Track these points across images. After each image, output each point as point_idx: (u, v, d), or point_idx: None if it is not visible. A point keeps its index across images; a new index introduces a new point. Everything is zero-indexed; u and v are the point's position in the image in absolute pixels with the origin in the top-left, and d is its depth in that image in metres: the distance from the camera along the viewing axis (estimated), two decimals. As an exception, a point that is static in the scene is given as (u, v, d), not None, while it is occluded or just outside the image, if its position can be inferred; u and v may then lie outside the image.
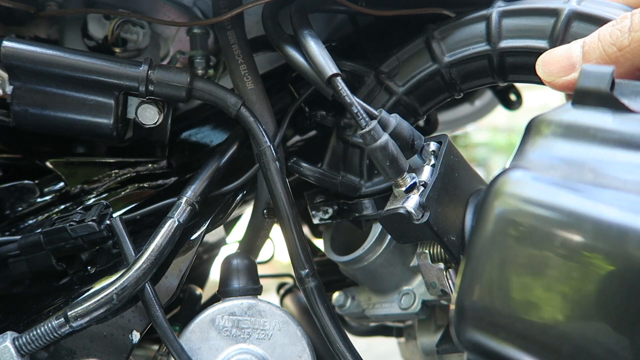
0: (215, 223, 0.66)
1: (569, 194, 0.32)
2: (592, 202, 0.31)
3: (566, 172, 0.33)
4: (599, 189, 0.31)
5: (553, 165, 0.34)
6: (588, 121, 0.35)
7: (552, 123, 0.36)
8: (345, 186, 0.65)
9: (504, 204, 0.34)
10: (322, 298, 0.60)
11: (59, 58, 0.57)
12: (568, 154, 0.34)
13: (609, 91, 0.34)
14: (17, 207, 0.72)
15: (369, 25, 0.76)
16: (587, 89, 0.35)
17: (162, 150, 0.70)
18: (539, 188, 0.33)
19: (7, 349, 0.51)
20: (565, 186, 0.32)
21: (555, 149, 0.35)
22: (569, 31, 0.53)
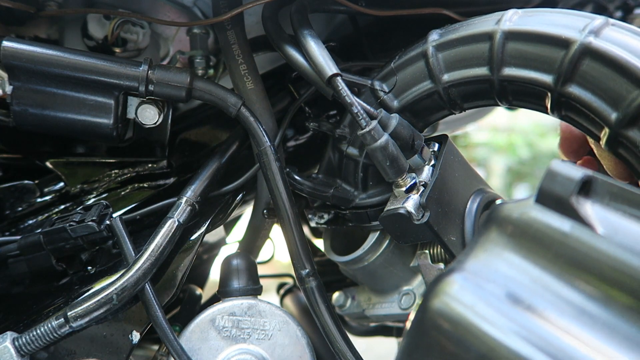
0: (215, 223, 0.66)
1: (491, 318, 0.32)
2: (505, 336, 0.31)
3: (502, 290, 0.33)
4: (519, 323, 0.31)
5: (494, 279, 0.33)
6: (542, 230, 0.33)
7: (511, 223, 0.35)
8: (338, 199, 0.64)
9: (436, 302, 0.34)
10: (322, 298, 0.60)
11: (59, 58, 0.57)
12: (511, 271, 0.33)
13: (569, 201, 0.32)
14: (17, 207, 0.72)
15: (369, 25, 0.76)
16: (550, 191, 0.33)
17: (162, 150, 0.70)
18: (470, 301, 0.33)
19: (7, 349, 0.51)
20: (492, 307, 0.32)
21: (501, 260, 0.34)
22: (578, 70, 0.47)
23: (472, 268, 0.34)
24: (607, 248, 0.30)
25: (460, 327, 0.33)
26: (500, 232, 0.35)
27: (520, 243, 0.34)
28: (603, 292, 0.30)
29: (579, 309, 0.30)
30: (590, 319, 0.30)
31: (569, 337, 0.30)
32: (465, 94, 0.56)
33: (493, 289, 0.33)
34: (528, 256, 0.33)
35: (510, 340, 0.31)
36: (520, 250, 0.33)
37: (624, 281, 0.29)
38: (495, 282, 0.33)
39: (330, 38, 0.76)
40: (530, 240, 0.33)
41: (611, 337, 0.29)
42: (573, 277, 0.31)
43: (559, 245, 0.32)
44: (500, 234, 0.35)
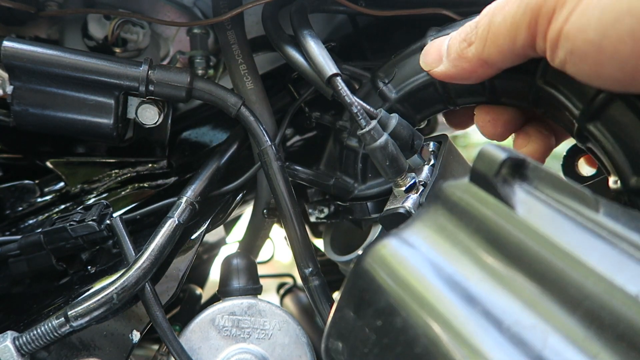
0: (215, 223, 0.66)
1: (414, 268, 0.35)
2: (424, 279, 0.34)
3: (425, 254, 0.36)
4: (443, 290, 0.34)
5: (421, 245, 0.37)
6: (467, 206, 0.36)
7: (446, 199, 0.38)
8: (339, 188, 0.65)
9: (369, 261, 0.38)
10: (326, 297, 0.60)
11: (59, 58, 0.57)
12: (437, 241, 0.37)
13: (493, 180, 0.35)
14: (17, 207, 0.72)
15: (369, 25, 0.76)
16: (478, 170, 0.36)
17: (162, 150, 0.70)
18: (398, 256, 0.37)
19: (8, 348, 0.51)
20: (416, 262, 0.36)
21: (430, 231, 0.38)
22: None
23: (404, 235, 0.38)
24: (517, 226, 0.33)
25: (389, 272, 0.36)
26: (436, 207, 0.38)
27: (450, 217, 0.37)
28: (505, 269, 0.33)
29: (485, 283, 0.33)
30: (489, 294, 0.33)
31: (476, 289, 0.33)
32: (459, 90, 0.57)
33: (419, 252, 0.36)
34: (455, 229, 0.36)
35: (429, 282, 0.34)
36: (450, 223, 0.37)
37: (522, 259, 0.32)
38: (421, 247, 0.37)
39: (330, 38, 0.76)
40: (459, 215, 0.37)
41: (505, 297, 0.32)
42: (484, 251, 0.34)
43: (479, 220, 0.35)
44: (436, 209, 0.38)
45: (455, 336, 0.31)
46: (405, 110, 0.59)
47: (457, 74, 0.52)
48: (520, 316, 0.30)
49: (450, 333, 0.31)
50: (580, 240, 0.31)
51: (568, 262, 0.30)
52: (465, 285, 0.33)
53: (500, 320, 0.30)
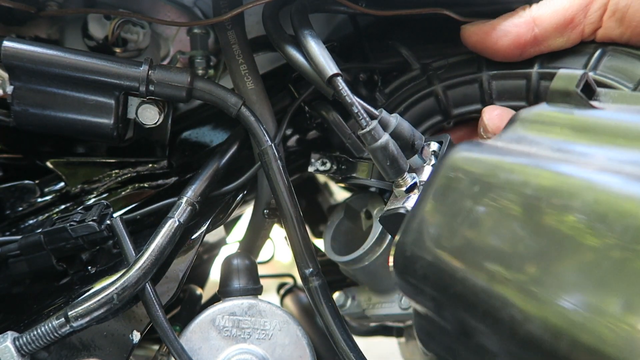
0: (215, 223, 0.66)
1: (499, 155, 0.37)
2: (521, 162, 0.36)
3: (513, 146, 0.38)
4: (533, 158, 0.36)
5: (507, 141, 0.39)
6: (551, 115, 0.39)
7: (526, 117, 0.40)
8: (353, 142, 0.66)
9: (450, 161, 0.40)
10: (326, 297, 0.60)
11: (59, 58, 0.57)
12: (524, 136, 0.39)
13: (575, 89, 0.38)
14: (17, 207, 0.72)
15: (369, 25, 0.76)
16: (559, 89, 0.39)
17: (163, 150, 0.70)
18: (480, 150, 0.39)
19: (8, 348, 0.51)
20: (498, 152, 0.38)
21: (513, 133, 0.40)
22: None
23: (485, 141, 0.40)
24: (608, 116, 0.36)
25: (480, 158, 0.38)
26: (516, 126, 0.40)
27: (532, 127, 0.39)
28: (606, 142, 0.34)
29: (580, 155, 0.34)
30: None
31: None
32: (502, 90, 0.60)
33: (506, 145, 0.38)
34: (540, 131, 0.38)
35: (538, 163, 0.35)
36: (532, 130, 0.39)
37: (617, 133, 0.34)
38: (506, 140, 0.39)
39: (331, 38, 0.76)
40: (541, 124, 0.39)
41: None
42: (573, 136, 0.36)
43: (565, 120, 0.37)
44: (515, 128, 0.40)
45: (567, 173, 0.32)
46: (444, 101, 0.64)
47: None
48: (621, 156, 0.32)
49: (559, 181, 0.32)
50: None
51: None
52: (557, 150, 0.35)
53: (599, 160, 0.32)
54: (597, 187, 0.30)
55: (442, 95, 0.64)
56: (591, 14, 0.53)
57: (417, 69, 0.66)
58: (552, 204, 0.32)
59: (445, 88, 0.63)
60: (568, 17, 0.54)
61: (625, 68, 0.51)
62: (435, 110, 0.65)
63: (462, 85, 0.62)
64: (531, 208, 0.33)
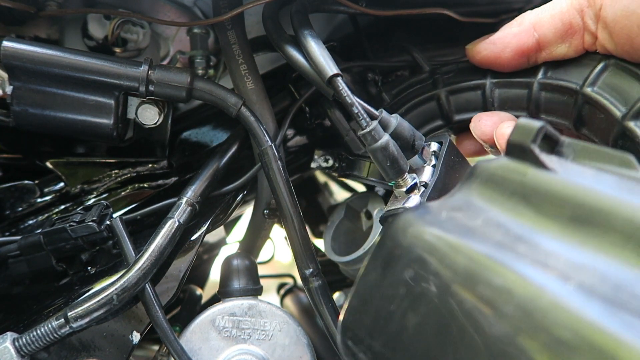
0: (215, 223, 0.65)
1: (445, 233, 0.35)
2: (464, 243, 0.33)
3: (457, 216, 0.36)
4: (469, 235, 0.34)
5: (452, 209, 0.37)
6: (504, 174, 0.36)
7: (481, 173, 0.38)
8: (352, 139, 0.67)
9: (399, 222, 0.37)
10: (326, 297, 0.60)
11: (59, 58, 0.56)
12: (471, 202, 0.37)
13: (529, 146, 0.35)
14: (17, 207, 0.72)
15: (369, 25, 0.76)
16: (515, 141, 0.36)
17: (162, 150, 0.70)
18: (422, 223, 0.36)
19: (7, 349, 0.51)
20: (444, 226, 0.35)
21: (464, 201, 0.37)
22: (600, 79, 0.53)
23: (434, 205, 0.38)
24: (557, 182, 0.33)
25: (420, 228, 0.35)
26: (470, 183, 0.38)
27: (485, 187, 0.37)
28: (545, 218, 0.33)
29: (530, 235, 0.32)
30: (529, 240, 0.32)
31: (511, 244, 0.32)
32: (505, 99, 0.60)
33: (452, 215, 0.36)
34: (490, 198, 0.36)
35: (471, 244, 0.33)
36: (484, 193, 0.37)
37: (564, 208, 0.32)
38: (454, 212, 0.36)
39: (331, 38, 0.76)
40: (495, 184, 0.37)
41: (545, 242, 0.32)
42: (523, 207, 0.34)
43: (516, 184, 0.35)
44: (470, 184, 0.38)
45: (499, 268, 0.30)
46: (447, 103, 0.64)
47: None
48: (565, 252, 0.30)
49: (493, 271, 0.30)
50: (622, 188, 0.31)
51: (614, 204, 0.30)
52: (501, 232, 0.32)
53: (545, 257, 0.30)
54: (531, 290, 0.28)
55: (445, 100, 0.63)
56: (588, 22, 0.52)
57: (426, 72, 0.66)
58: (480, 301, 0.30)
59: (449, 93, 0.63)
60: (566, 22, 0.53)
61: (622, 88, 0.51)
62: (436, 115, 0.65)
63: (465, 91, 0.62)
64: (456, 309, 0.31)
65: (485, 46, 0.58)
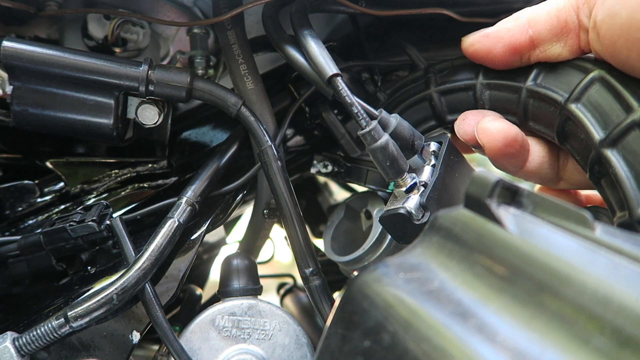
0: (215, 223, 0.66)
1: (403, 292, 0.34)
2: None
3: (415, 278, 0.35)
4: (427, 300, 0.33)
5: (412, 270, 0.36)
6: (461, 230, 0.36)
7: (440, 227, 0.38)
8: (347, 142, 0.67)
9: (356, 284, 0.37)
10: (326, 297, 0.60)
11: (59, 58, 0.57)
12: (425, 265, 0.36)
13: (485, 202, 0.35)
14: (17, 207, 0.72)
15: (369, 25, 0.76)
16: (472, 194, 0.36)
17: (162, 150, 0.70)
18: (385, 283, 0.36)
19: (7, 349, 0.51)
20: (405, 287, 0.35)
21: (422, 258, 0.37)
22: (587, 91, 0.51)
23: (393, 261, 0.38)
24: (510, 244, 0.33)
25: (375, 294, 0.35)
26: (430, 235, 0.38)
27: (444, 243, 0.37)
28: (498, 285, 0.32)
29: (476, 298, 0.32)
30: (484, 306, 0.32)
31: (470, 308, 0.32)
32: (495, 99, 0.59)
33: (409, 277, 0.36)
34: (449, 252, 0.36)
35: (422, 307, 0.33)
36: (442, 252, 0.36)
37: (515, 275, 0.32)
38: (410, 270, 0.36)
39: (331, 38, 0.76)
40: (452, 240, 0.36)
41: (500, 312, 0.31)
42: (477, 270, 0.34)
43: (472, 242, 0.35)
44: (430, 237, 0.38)
45: (445, 348, 0.30)
46: (440, 104, 0.63)
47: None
48: (513, 330, 0.29)
49: (440, 347, 0.30)
50: (575, 253, 0.31)
51: (563, 275, 0.30)
52: (455, 301, 0.32)
53: (494, 334, 0.30)
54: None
55: (437, 100, 0.63)
56: (583, 20, 0.51)
57: (421, 70, 0.65)
58: None
59: (440, 93, 0.63)
60: (562, 19, 0.52)
61: (603, 109, 0.49)
62: (429, 115, 0.65)
63: (457, 91, 0.62)
64: None
65: (478, 39, 0.57)
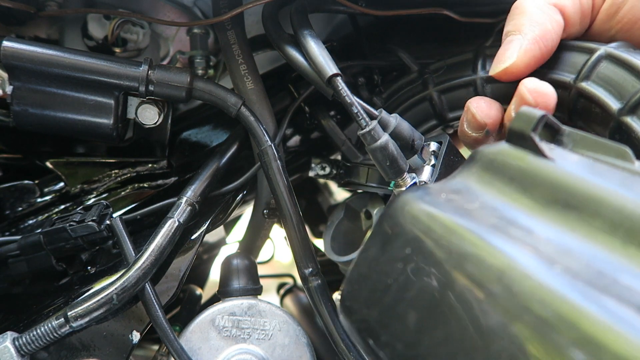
0: (215, 223, 0.66)
1: (445, 214, 0.36)
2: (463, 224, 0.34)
3: (455, 199, 0.37)
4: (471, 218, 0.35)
5: (451, 191, 0.38)
6: (503, 160, 0.37)
7: (481, 158, 0.39)
8: (348, 148, 0.68)
9: (398, 202, 0.38)
10: (325, 297, 0.60)
11: (59, 58, 0.57)
12: (470, 188, 0.38)
13: (529, 134, 0.36)
14: (17, 207, 0.72)
15: (369, 25, 0.76)
16: (515, 129, 0.37)
17: (162, 150, 0.70)
18: (423, 202, 0.37)
19: (7, 349, 0.51)
20: (443, 207, 0.36)
21: (463, 184, 0.39)
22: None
23: (434, 186, 0.39)
24: (554, 172, 0.34)
25: (419, 209, 0.36)
26: (470, 167, 0.39)
27: (485, 172, 0.38)
28: (541, 206, 0.34)
29: (523, 219, 0.34)
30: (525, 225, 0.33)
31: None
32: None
33: (450, 197, 0.37)
34: (488, 183, 0.37)
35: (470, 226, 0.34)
36: (483, 178, 0.38)
37: (558, 197, 0.33)
38: (453, 194, 0.37)
39: (330, 38, 0.76)
40: (494, 170, 0.37)
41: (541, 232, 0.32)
42: (519, 194, 0.35)
43: (515, 171, 0.36)
44: (470, 168, 0.39)
45: (490, 252, 0.31)
46: (440, 104, 0.64)
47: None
48: (554, 234, 0.31)
49: (484, 252, 0.31)
50: (615, 180, 0.32)
51: (606, 194, 0.31)
52: (497, 216, 0.33)
53: (537, 241, 0.31)
54: (519, 272, 0.30)
55: (437, 99, 0.63)
56: (597, 1, 0.52)
57: (415, 72, 0.65)
58: (472, 283, 0.31)
59: (440, 92, 0.63)
60: (584, 2, 0.52)
61: (617, 82, 0.50)
62: (430, 115, 0.65)
63: (457, 88, 0.62)
64: (448, 287, 0.32)
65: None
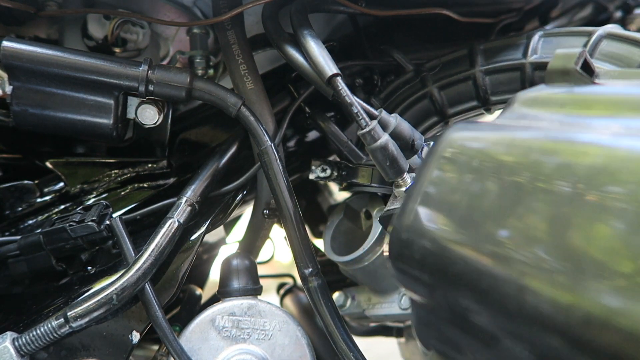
0: (215, 223, 0.66)
1: (499, 131, 0.37)
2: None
3: (515, 122, 0.38)
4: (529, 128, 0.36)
5: (508, 119, 0.39)
6: (548, 96, 0.38)
7: (525, 97, 0.40)
8: (350, 150, 0.67)
9: (446, 138, 0.39)
10: (325, 297, 0.60)
11: (59, 58, 0.57)
12: (525, 114, 0.39)
13: (574, 67, 0.37)
14: (17, 207, 0.72)
15: (369, 25, 0.76)
16: (557, 68, 0.38)
17: (162, 150, 0.70)
18: (477, 128, 0.38)
19: (7, 349, 0.51)
20: (499, 128, 0.37)
21: (512, 113, 0.39)
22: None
23: (482, 122, 0.40)
24: (611, 90, 0.36)
25: (477, 135, 0.38)
26: (515, 107, 0.40)
27: (533, 106, 0.39)
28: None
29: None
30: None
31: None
32: (496, 83, 0.60)
33: (504, 121, 0.38)
34: (541, 109, 0.38)
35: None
36: (534, 108, 0.38)
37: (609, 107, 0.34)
38: (506, 119, 0.38)
39: (330, 38, 0.76)
40: (542, 103, 0.38)
41: None
42: (574, 110, 0.36)
43: (567, 97, 0.37)
44: (514, 108, 0.40)
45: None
46: (440, 100, 0.65)
47: None
48: (616, 122, 0.32)
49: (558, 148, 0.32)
50: None
51: None
52: (561, 122, 0.34)
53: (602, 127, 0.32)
54: (617, 152, 0.30)
55: (437, 95, 0.63)
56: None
57: (410, 72, 0.66)
58: (567, 177, 0.30)
59: (440, 88, 0.63)
60: None
61: (622, 55, 0.51)
62: (430, 112, 0.65)
63: (456, 83, 0.63)
64: (540, 181, 0.31)
65: None
